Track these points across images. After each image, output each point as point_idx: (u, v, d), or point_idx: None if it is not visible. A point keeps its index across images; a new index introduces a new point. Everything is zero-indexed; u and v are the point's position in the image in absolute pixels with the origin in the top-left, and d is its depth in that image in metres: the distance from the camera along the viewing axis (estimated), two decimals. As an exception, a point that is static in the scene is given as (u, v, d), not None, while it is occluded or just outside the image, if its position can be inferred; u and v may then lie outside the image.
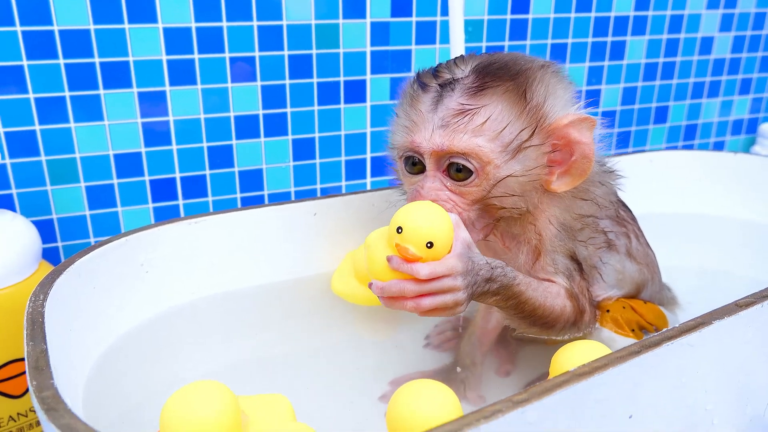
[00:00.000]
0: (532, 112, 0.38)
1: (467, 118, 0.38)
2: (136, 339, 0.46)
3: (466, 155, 0.38)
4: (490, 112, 0.38)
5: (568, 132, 0.39)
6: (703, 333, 0.34)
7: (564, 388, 0.29)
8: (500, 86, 0.38)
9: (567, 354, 0.36)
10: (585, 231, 0.42)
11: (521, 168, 0.39)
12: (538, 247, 0.41)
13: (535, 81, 0.39)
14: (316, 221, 0.56)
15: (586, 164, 0.39)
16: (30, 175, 0.59)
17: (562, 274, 0.42)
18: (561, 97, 0.40)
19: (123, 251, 0.47)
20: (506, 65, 0.39)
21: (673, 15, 0.83)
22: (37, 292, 0.38)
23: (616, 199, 0.46)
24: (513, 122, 0.38)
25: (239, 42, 0.63)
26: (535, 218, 0.41)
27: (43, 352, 0.32)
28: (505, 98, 0.38)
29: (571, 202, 0.42)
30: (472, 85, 0.39)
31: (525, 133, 0.38)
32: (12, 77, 0.56)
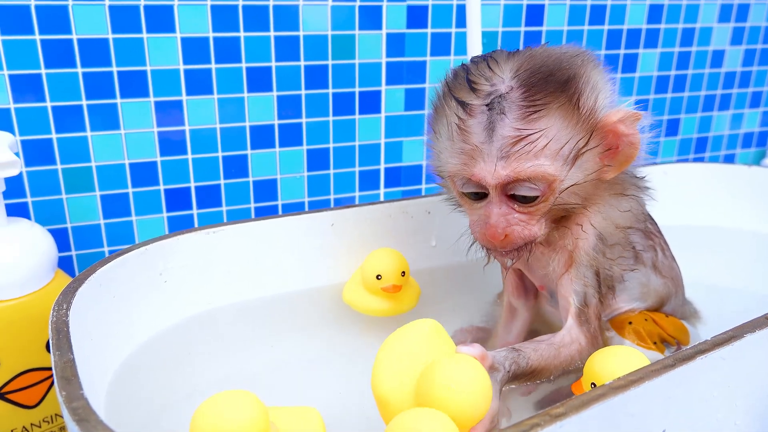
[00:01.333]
0: (586, 119, 0.38)
1: (525, 144, 0.37)
2: (156, 348, 0.46)
3: (532, 180, 0.38)
4: (550, 134, 0.37)
5: (617, 127, 0.39)
6: (735, 346, 0.33)
7: (601, 401, 0.28)
8: (553, 102, 0.37)
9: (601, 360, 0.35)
10: (616, 248, 0.42)
11: (582, 174, 0.39)
12: (572, 257, 0.41)
13: (584, 85, 0.38)
14: (334, 231, 0.56)
15: (633, 151, 0.39)
16: (46, 183, 0.59)
17: (582, 298, 0.42)
18: (606, 92, 0.39)
19: (142, 260, 0.47)
20: (552, 72, 0.38)
21: (685, 28, 0.83)
22: (60, 301, 0.38)
23: (646, 212, 0.46)
24: (569, 136, 0.38)
25: (256, 52, 0.63)
26: (580, 219, 0.41)
27: (70, 362, 0.31)
28: (559, 114, 0.37)
29: (615, 204, 0.42)
30: (522, 104, 0.37)
31: (582, 141, 0.38)
32: (30, 86, 0.56)
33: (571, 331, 0.42)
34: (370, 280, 0.51)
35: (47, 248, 0.52)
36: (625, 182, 0.43)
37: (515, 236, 0.40)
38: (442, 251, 0.59)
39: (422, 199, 0.58)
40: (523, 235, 0.40)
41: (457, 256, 0.55)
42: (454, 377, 0.30)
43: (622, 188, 0.43)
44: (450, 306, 0.56)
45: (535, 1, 0.73)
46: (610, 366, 0.34)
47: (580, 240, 0.41)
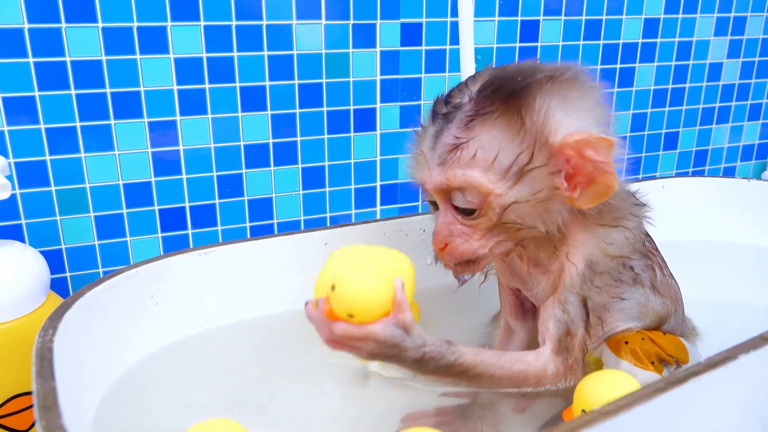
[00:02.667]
0: (529, 134, 0.37)
1: (459, 152, 0.38)
2: (146, 372, 0.46)
3: (463, 190, 0.38)
4: (479, 143, 0.37)
5: (582, 150, 0.37)
6: (729, 368, 0.33)
7: (589, 427, 0.28)
8: (492, 112, 0.38)
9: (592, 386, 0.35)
10: (604, 276, 0.41)
11: (528, 192, 0.38)
12: (557, 282, 0.40)
13: (534, 99, 0.37)
14: (328, 251, 0.55)
15: (610, 180, 0.37)
16: (39, 205, 0.59)
17: (563, 325, 0.41)
18: (568, 112, 0.38)
19: (133, 283, 0.47)
20: (503, 85, 0.38)
21: (681, 42, 0.83)
22: (47, 326, 0.37)
23: (644, 231, 0.45)
24: (506, 148, 0.37)
25: (250, 71, 0.63)
26: (567, 247, 0.41)
27: (51, 390, 0.31)
28: (497, 125, 0.37)
29: (603, 235, 0.41)
30: (467, 114, 0.38)
31: (524, 157, 0.37)
32: (23, 108, 0.56)
33: (541, 354, 0.40)
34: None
35: (39, 271, 0.52)
36: (617, 211, 0.42)
37: (455, 248, 0.40)
38: (438, 270, 0.59)
39: (417, 217, 0.58)
40: (462, 249, 0.40)
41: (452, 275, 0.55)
42: None
43: (613, 218, 0.41)
44: (447, 324, 0.56)
45: (530, 17, 0.73)
46: (600, 391, 0.34)
47: (566, 265, 0.41)
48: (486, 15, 0.71)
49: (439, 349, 0.36)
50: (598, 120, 0.39)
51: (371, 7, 0.65)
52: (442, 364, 0.37)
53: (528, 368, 0.40)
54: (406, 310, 0.35)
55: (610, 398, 0.30)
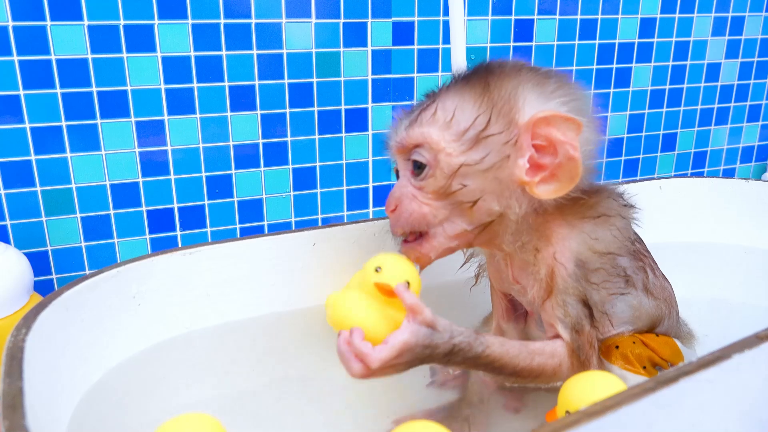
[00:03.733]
0: (490, 100, 0.38)
1: (424, 113, 0.39)
2: (127, 374, 0.44)
3: (419, 146, 0.39)
4: (442, 104, 0.39)
5: (548, 131, 0.37)
6: (722, 367, 0.31)
7: (573, 428, 0.26)
8: (460, 80, 0.40)
9: (577, 387, 0.33)
10: (600, 273, 0.40)
11: (478, 157, 0.37)
12: (550, 285, 0.39)
13: (504, 76, 0.39)
14: (315, 251, 0.54)
15: (573, 167, 0.37)
16: (25, 206, 0.58)
17: (568, 324, 0.40)
18: (542, 96, 0.38)
19: (114, 283, 0.45)
20: (479, 65, 0.40)
21: (679, 41, 0.82)
22: (20, 326, 0.36)
23: (633, 233, 0.44)
24: (466, 109, 0.38)
25: (239, 70, 0.62)
26: (542, 245, 0.39)
27: (18, 391, 0.30)
28: (461, 89, 0.39)
29: (588, 231, 0.40)
30: (444, 88, 0.40)
31: (481, 120, 0.37)
32: (8, 107, 0.56)
33: (556, 348, 0.40)
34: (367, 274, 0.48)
35: (21, 271, 0.51)
36: (601, 207, 0.41)
37: (404, 209, 0.40)
38: (428, 271, 0.58)
39: (407, 218, 0.57)
40: (411, 209, 0.39)
41: (444, 276, 0.54)
42: None
43: (596, 213, 0.40)
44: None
45: (524, 16, 0.72)
46: (585, 392, 0.32)
47: (554, 267, 0.39)
48: (479, 14, 0.70)
49: (468, 339, 0.36)
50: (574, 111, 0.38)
51: (362, 5, 0.65)
52: (471, 355, 0.36)
53: (546, 362, 0.39)
54: (423, 310, 0.35)
55: (594, 399, 0.29)
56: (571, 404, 0.33)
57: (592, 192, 0.41)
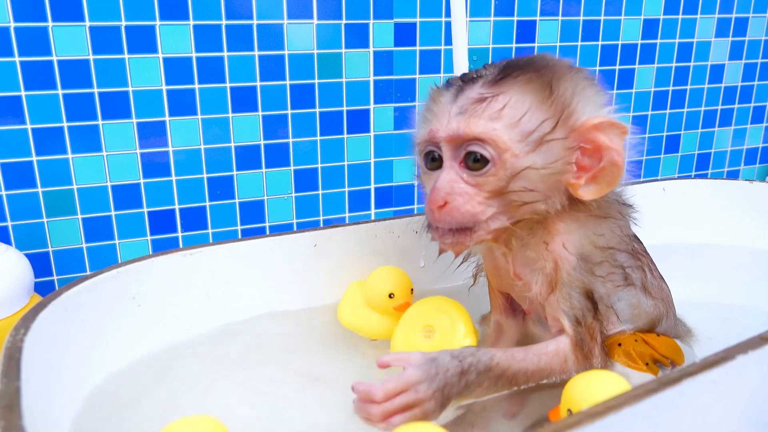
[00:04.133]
0: (557, 104, 0.37)
1: (485, 104, 0.37)
2: (127, 376, 0.44)
3: (482, 141, 0.37)
4: (508, 98, 0.37)
5: (597, 136, 0.37)
6: (726, 368, 0.31)
7: (575, 429, 0.26)
8: (522, 76, 0.37)
9: (580, 386, 0.33)
10: (604, 266, 0.40)
11: (542, 161, 0.37)
12: (554, 279, 0.39)
13: (562, 77, 0.38)
14: (316, 252, 0.54)
15: (616, 172, 0.37)
16: (26, 207, 0.58)
17: (572, 317, 0.40)
18: (591, 99, 0.38)
19: (114, 284, 0.45)
20: (533, 60, 0.39)
21: (682, 43, 0.81)
22: (19, 326, 0.36)
23: (632, 232, 0.44)
24: (534, 111, 0.37)
25: (240, 71, 0.62)
26: (549, 238, 0.39)
27: (16, 390, 0.30)
28: (527, 87, 0.37)
29: (592, 228, 0.40)
30: (493, 75, 0.38)
31: (547, 124, 0.37)
32: (10, 108, 0.56)
33: (559, 345, 0.40)
34: (381, 299, 0.50)
35: (22, 272, 0.51)
36: (604, 205, 0.41)
37: (456, 207, 0.38)
38: (430, 272, 0.57)
39: (408, 219, 0.57)
40: (464, 210, 0.38)
41: (446, 277, 0.54)
42: None
43: (602, 211, 0.41)
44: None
45: (527, 17, 0.72)
46: (588, 392, 0.32)
47: (558, 261, 0.40)
48: (481, 15, 0.70)
49: (473, 354, 0.37)
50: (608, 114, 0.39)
51: (364, 6, 0.65)
52: (482, 367, 0.37)
53: (552, 360, 0.40)
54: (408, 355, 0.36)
55: (596, 399, 0.28)
56: (575, 403, 0.33)
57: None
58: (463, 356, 0.36)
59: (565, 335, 0.40)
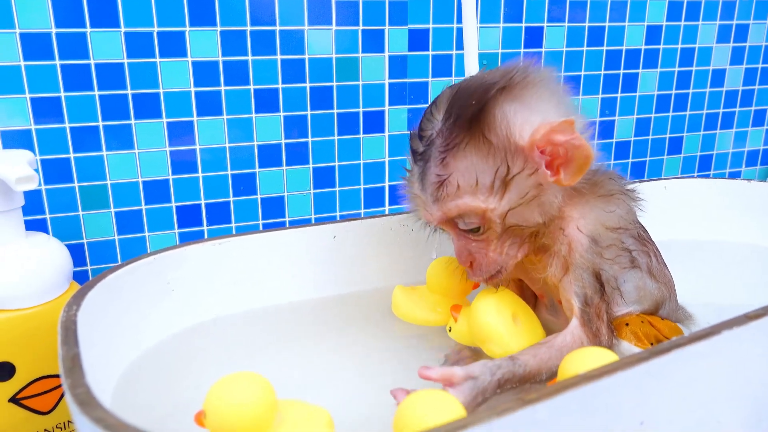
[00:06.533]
0: (498, 149, 0.40)
1: (444, 187, 0.41)
2: (162, 353, 0.48)
3: (462, 216, 0.42)
4: (458, 173, 0.41)
5: (549, 140, 0.40)
6: (712, 341, 0.34)
7: (573, 389, 0.30)
8: (459, 143, 0.40)
9: (575, 360, 0.37)
10: (612, 249, 0.44)
11: (517, 197, 0.41)
12: (568, 260, 0.43)
13: (493, 116, 0.40)
14: (335, 244, 0.58)
15: (584, 150, 0.40)
16: (63, 200, 0.62)
17: (583, 298, 0.43)
18: (525, 118, 0.40)
19: (150, 269, 0.49)
20: (461, 113, 0.40)
21: (684, 48, 0.85)
22: (71, 303, 0.40)
23: (637, 218, 0.47)
24: (483, 168, 0.40)
25: (263, 75, 0.66)
26: (565, 224, 0.43)
27: (76, 355, 0.33)
28: (467, 153, 0.40)
29: (602, 207, 0.44)
30: (440, 150, 0.41)
31: (501, 170, 0.40)
32: (50, 108, 0.60)
33: (573, 332, 0.43)
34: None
35: (63, 261, 0.54)
36: (608, 185, 0.45)
37: (480, 262, 0.44)
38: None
39: (422, 213, 0.60)
40: (488, 261, 0.44)
41: (456, 267, 0.57)
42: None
43: (606, 190, 0.44)
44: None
45: (534, 24, 0.76)
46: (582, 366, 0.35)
47: (572, 243, 0.43)
48: (491, 21, 0.73)
49: (508, 368, 0.40)
50: (557, 108, 0.42)
51: (380, 13, 0.68)
52: (518, 379, 0.40)
53: (571, 349, 0.42)
54: (453, 373, 0.39)
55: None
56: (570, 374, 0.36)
57: (591, 172, 0.45)
58: (501, 372, 0.40)
59: (575, 319, 0.43)
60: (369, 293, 0.59)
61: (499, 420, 0.27)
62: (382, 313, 0.56)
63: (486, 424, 0.27)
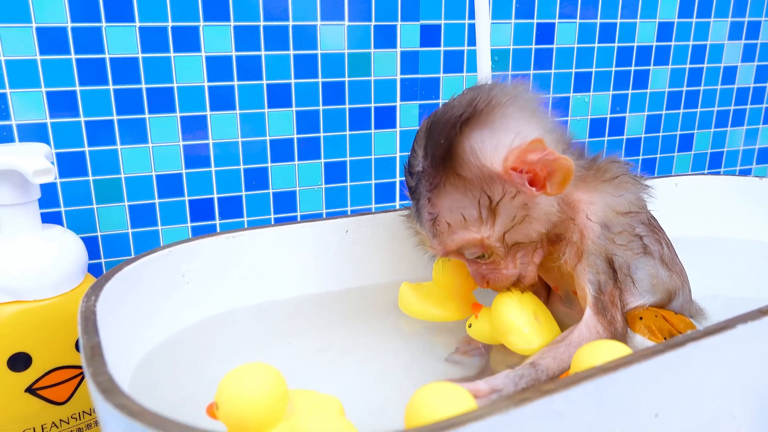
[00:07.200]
0: (473, 182, 0.41)
1: (438, 225, 0.43)
2: (176, 345, 0.48)
3: (462, 248, 0.43)
4: (445, 212, 0.42)
5: (524, 160, 0.40)
6: (727, 335, 0.35)
7: (590, 380, 0.30)
8: (438, 184, 0.41)
9: (588, 353, 0.37)
10: (624, 235, 0.44)
11: (508, 220, 0.42)
12: (580, 248, 0.43)
13: (462, 151, 0.40)
14: (348, 237, 0.58)
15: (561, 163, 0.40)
16: (78, 193, 0.63)
17: (596, 285, 0.44)
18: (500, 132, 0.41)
19: (166, 261, 0.50)
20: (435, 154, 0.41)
21: (696, 45, 0.85)
22: (90, 294, 0.40)
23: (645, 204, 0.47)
24: (465, 203, 0.41)
25: (276, 70, 0.66)
26: (575, 213, 0.43)
27: (97, 344, 0.34)
28: (447, 192, 0.41)
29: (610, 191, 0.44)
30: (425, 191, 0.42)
31: (483, 200, 0.41)
32: (65, 102, 0.60)
33: (588, 323, 0.43)
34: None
35: (78, 253, 0.55)
36: (614, 170, 0.45)
37: (495, 281, 0.45)
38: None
39: (434, 208, 0.60)
40: (503, 278, 0.45)
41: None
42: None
43: (612, 174, 0.45)
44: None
45: (546, 20, 0.76)
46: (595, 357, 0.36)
47: (584, 230, 0.43)
48: (502, 17, 0.73)
49: (531, 377, 0.41)
50: (528, 122, 0.42)
51: (392, 9, 0.69)
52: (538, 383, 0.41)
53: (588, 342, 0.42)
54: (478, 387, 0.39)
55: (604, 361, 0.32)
56: (581, 367, 0.36)
57: (597, 158, 0.45)
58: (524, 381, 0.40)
59: (588, 309, 0.43)
60: (380, 287, 0.59)
61: (516, 410, 0.27)
62: (393, 306, 0.56)
63: (503, 414, 0.27)
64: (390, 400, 0.44)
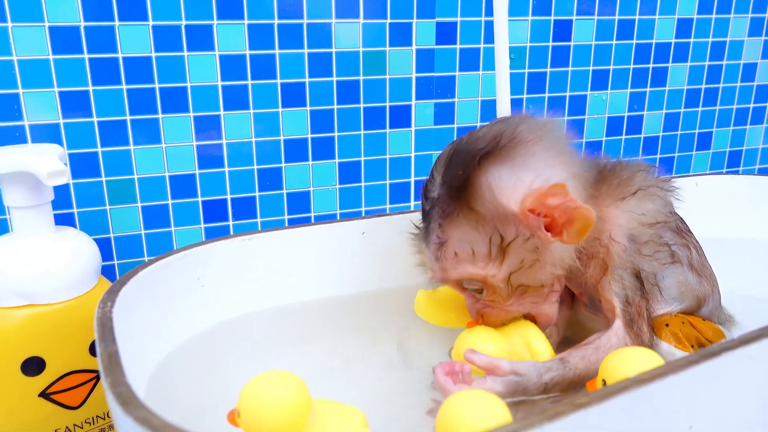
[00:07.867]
0: (488, 219, 0.39)
1: (443, 249, 0.41)
2: (193, 349, 0.48)
3: (462, 280, 0.42)
4: (455, 241, 0.41)
5: (541, 205, 0.38)
6: (762, 344, 0.33)
7: (624, 393, 0.29)
8: (451, 213, 0.40)
9: (616, 360, 0.36)
10: (650, 245, 0.43)
11: (516, 261, 0.40)
12: (606, 261, 0.42)
13: (479, 185, 0.39)
14: (364, 240, 0.57)
15: (581, 213, 0.38)
16: (91, 194, 0.62)
17: (623, 298, 0.42)
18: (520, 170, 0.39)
19: (181, 265, 0.49)
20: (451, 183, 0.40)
21: (715, 42, 0.83)
22: (105, 299, 0.40)
23: (674, 210, 0.46)
24: (476, 238, 0.40)
25: (290, 68, 0.65)
26: (599, 233, 0.42)
27: (115, 353, 0.33)
28: (459, 222, 0.40)
29: (634, 207, 0.42)
30: (437, 216, 0.41)
31: (495, 238, 0.40)
32: (78, 102, 0.59)
33: (618, 332, 0.42)
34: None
35: (92, 255, 0.54)
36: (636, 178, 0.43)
37: (491, 319, 0.44)
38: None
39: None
40: (500, 318, 0.44)
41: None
42: None
43: (638, 186, 0.43)
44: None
45: (563, 17, 0.74)
46: (624, 365, 0.35)
47: (610, 247, 0.42)
48: (520, 14, 0.72)
49: (558, 372, 0.40)
50: (553, 163, 0.40)
51: (408, 6, 0.67)
52: (566, 383, 0.40)
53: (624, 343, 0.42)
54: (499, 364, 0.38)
55: (630, 371, 0.31)
56: (609, 375, 0.36)
57: (619, 170, 0.44)
58: (550, 375, 0.39)
59: (617, 319, 0.42)
60: (397, 290, 0.58)
61: (550, 424, 0.26)
62: (410, 311, 0.55)
63: (537, 428, 0.26)
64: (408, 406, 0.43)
